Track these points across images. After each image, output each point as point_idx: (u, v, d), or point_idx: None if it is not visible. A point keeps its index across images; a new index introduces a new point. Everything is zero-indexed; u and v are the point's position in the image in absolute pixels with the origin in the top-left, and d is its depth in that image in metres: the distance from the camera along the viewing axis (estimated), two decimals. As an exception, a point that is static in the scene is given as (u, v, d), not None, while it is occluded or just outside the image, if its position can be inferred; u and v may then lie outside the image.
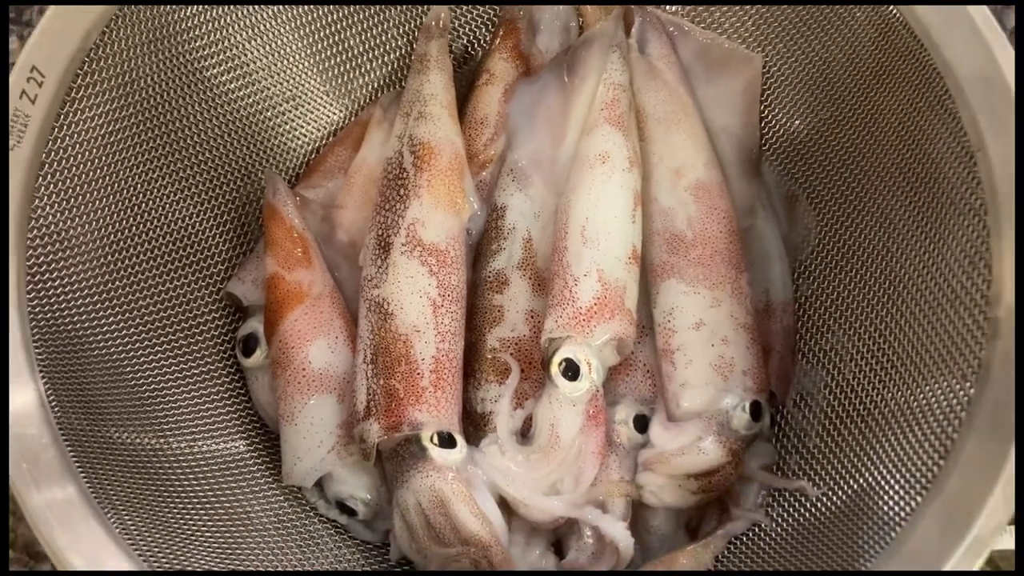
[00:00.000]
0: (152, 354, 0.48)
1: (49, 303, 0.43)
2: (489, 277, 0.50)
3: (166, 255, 0.50)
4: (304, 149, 0.57)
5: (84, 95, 0.44)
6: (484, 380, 0.48)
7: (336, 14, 0.54)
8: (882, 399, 0.44)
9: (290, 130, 0.56)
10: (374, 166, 0.53)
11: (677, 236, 0.49)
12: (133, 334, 0.47)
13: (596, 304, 0.45)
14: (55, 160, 0.43)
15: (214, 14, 0.49)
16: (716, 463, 0.45)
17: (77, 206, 0.45)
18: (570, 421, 0.45)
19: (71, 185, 0.44)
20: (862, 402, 0.45)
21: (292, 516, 0.49)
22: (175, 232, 0.50)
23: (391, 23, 0.56)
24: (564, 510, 0.45)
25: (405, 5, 0.55)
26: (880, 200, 0.46)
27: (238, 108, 0.53)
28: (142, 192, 0.48)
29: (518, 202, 0.51)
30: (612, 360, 0.47)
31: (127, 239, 0.48)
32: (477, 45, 0.59)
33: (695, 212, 0.49)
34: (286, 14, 0.52)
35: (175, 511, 0.43)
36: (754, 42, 0.52)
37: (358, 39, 0.56)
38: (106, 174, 0.46)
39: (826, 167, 0.50)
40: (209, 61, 0.50)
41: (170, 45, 0.48)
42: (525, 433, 0.47)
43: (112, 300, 0.47)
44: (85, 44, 0.43)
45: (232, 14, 0.50)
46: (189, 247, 0.51)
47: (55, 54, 0.42)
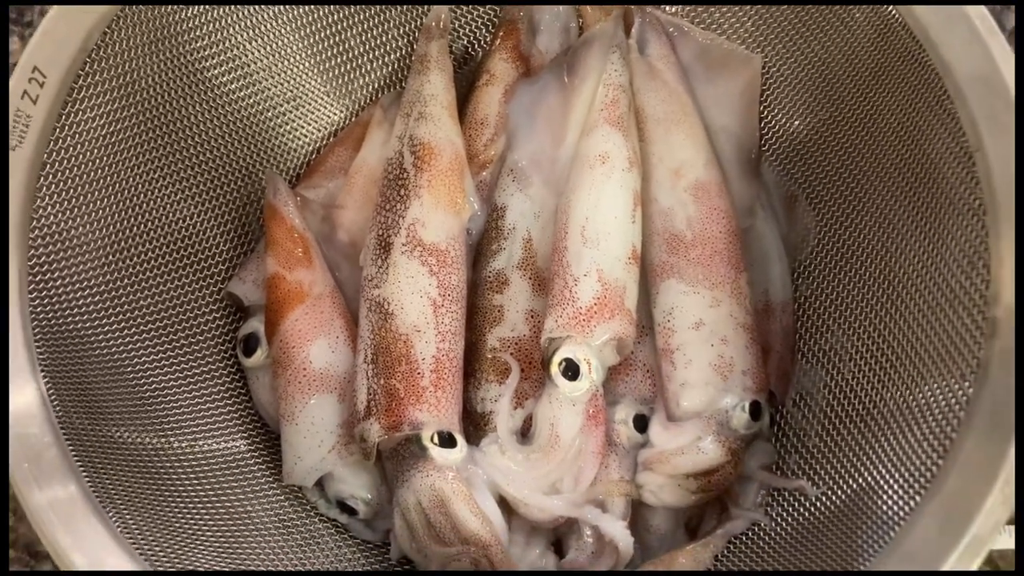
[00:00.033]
0: (153, 354, 0.48)
1: (51, 303, 0.43)
2: (489, 277, 0.50)
3: (167, 255, 0.50)
4: (305, 149, 0.57)
5: (85, 96, 0.44)
6: (484, 380, 0.48)
7: (337, 15, 0.54)
8: (881, 399, 0.44)
9: (291, 130, 0.56)
10: (374, 166, 0.53)
11: (677, 236, 0.49)
12: (134, 334, 0.47)
13: (596, 304, 0.45)
14: (57, 160, 0.43)
15: (215, 15, 0.49)
16: (715, 462, 0.45)
17: (78, 206, 0.45)
18: (570, 421, 0.45)
19: (72, 185, 0.44)
20: (861, 402, 0.45)
21: (293, 515, 0.49)
22: (176, 232, 0.51)
23: (391, 24, 0.56)
24: (564, 509, 0.45)
25: (405, 6, 0.55)
26: (879, 200, 0.46)
27: (239, 108, 0.53)
28: (143, 192, 0.49)
29: (518, 202, 0.51)
30: (612, 360, 0.47)
31: (128, 239, 0.48)
32: (477, 46, 0.59)
33: (695, 212, 0.49)
34: (287, 15, 0.52)
35: (176, 510, 0.43)
36: (753, 43, 0.52)
37: (359, 40, 0.56)
38: (107, 174, 0.46)
39: (825, 167, 0.50)
40: (210, 62, 0.50)
41: (171, 46, 0.48)
42: (525, 433, 0.47)
43: (113, 300, 0.47)
44: (87, 45, 0.43)
45: (233, 15, 0.50)
46: (190, 247, 0.51)
47: (57, 55, 0.42)
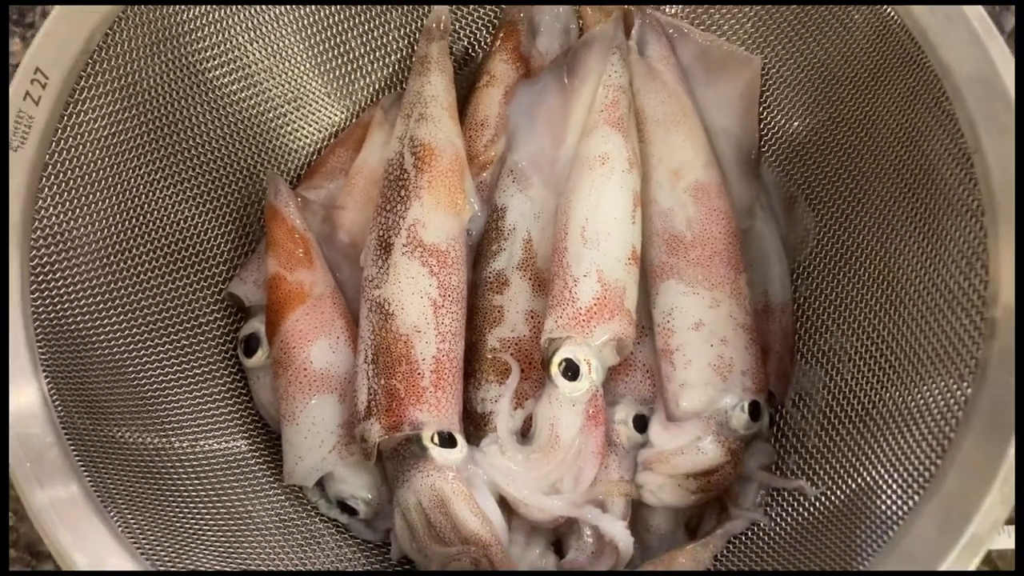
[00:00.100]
0: (154, 354, 0.48)
1: (52, 303, 0.43)
2: (489, 277, 0.50)
3: (168, 255, 0.50)
4: (305, 150, 0.57)
5: (87, 97, 0.44)
6: (484, 380, 0.48)
7: (337, 16, 0.54)
8: (880, 399, 0.44)
9: (292, 131, 0.56)
10: (375, 167, 0.54)
11: (676, 237, 0.49)
12: (136, 334, 0.47)
13: (596, 304, 0.46)
14: (58, 161, 0.44)
15: (216, 16, 0.49)
16: (715, 463, 0.45)
17: (80, 207, 0.45)
18: (570, 421, 0.45)
19: (74, 186, 0.45)
20: (860, 402, 0.45)
21: (293, 515, 0.49)
22: (177, 232, 0.51)
23: (392, 25, 0.56)
24: (564, 509, 0.45)
25: (406, 7, 0.55)
26: (878, 201, 0.46)
27: (240, 109, 0.53)
28: (145, 193, 0.49)
29: (518, 203, 0.51)
30: (612, 360, 0.47)
31: (130, 240, 0.48)
32: (478, 47, 0.59)
33: (694, 213, 0.49)
34: (288, 16, 0.53)
35: (178, 510, 0.44)
36: (753, 44, 0.52)
37: (359, 41, 0.56)
38: (109, 175, 0.46)
39: (825, 168, 0.50)
40: (211, 63, 0.50)
41: (173, 47, 0.48)
42: (525, 433, 0.47)
43: (115, 300, 0.47)
44: (88, 46, 0.43)
45: (234, 16, 0.50)
46: (191, 247, 0.52)
47: (58, 56, 0.43)
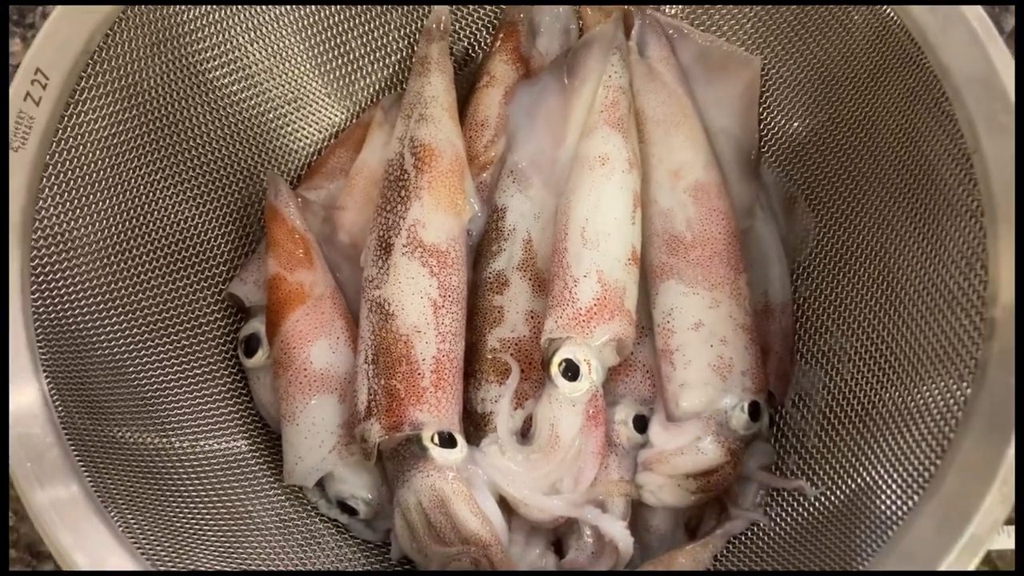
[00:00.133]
0: (155, 354, 0.48)
1: (53, 303, 0.43)
2: (489, 278, 0.50)
3: (169, 256, 0.50)
4: (306, 151, 0.57)
5: (88, 97, 0.44)
6: (484, 380, 0.48)
7: (338, 16, 0.54)
8: (880, 399, 0.44)
9: (292, 132, 0.56)
10: (375, 168, 0.54)
11: (676, 237, 0.49)
12: (136, 334, 0.47)
13: (596, 305, 0.46)
14: (59, 162, 0.44)
15: (217, 16, 0.49)
16: (715, 463, 0.45)
17: (81, 207, 0.45)
18: (570, 421, 0.45)
19: (75, 187, 0.45)
20: (860, 402, 0.45)
21: (293, 515, 0.49)
22: (178, 233, 0.51)
23: (392, 26, 0.56)
24: (564, 510, 0.45)
25: (406, 7, 0.55)
26: (878, 201, 0.46)
27: (240, 110, 0.53)
28: (145, 193, 0.49)
29: (518, 203, 0.51)
30: (612, 361, 0.47)
31: (130, 240, 0.48)
32: (478, 47, 0.59)
33: (694, 213, 0.49)
34: (288, 16, 0.53)
35: (178, 510, 0.44)
36: (753, 44, 0.52)
37: (360, 42, 0.56)
38: (109, 175, 0.46)
39: (824, 169, 0.50)
40: (212, 63, 0.50)
41: (173, 47, 0.48)
42: (525, 433, 0.47)
43: (115, 300, 0.47)
44: (89, 47, 0.43)
45: (235, 16, 0.50)
46: (191, 248, 0.52)
47: (59, 57, 0.43)
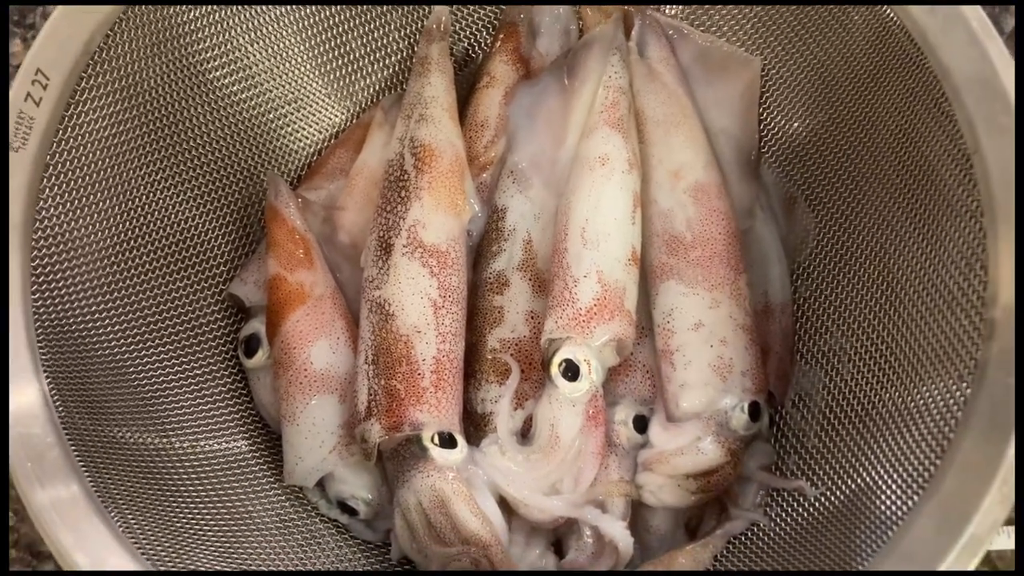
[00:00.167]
0: (155, 354, 0.48)
1: (53, 304, 0.43)
2: (490, 278, 0.50)
3: (169, 256, 0.50)
4: (306, 151, 0.57)
5: (88, 98, 0.44)
6: (484, 381, 0.48)
7: (338, 17, 0.54)
8: (879, 399, 0.44)
9: (292, 132, 0.56)
10: (375, 168, 0.54)
11: (676, 237, 0.49)
12: (136, 334, 0.47)
13: (596, 305, 0.46)
14: (59, 162, 0.44)
15: (217, 17, 0.49)
16: (715, 463, 0.45)
17: (81, 207, 0.45)
18: (570, 421, 0.45)
19: (75, 187, 0.45)
20: (860, 402, 0.45)
21: (294, 515, 0.49)
22: (178, 233, 0.51)
23: (392, 26, 0.56)
24: (564, 510, 0.45)
25: (406, 7, 0.55)
26: (877, 202, 0.46)
27: (241, 110, 0.53)
28: (145, 194, 0.49)
29: (518, 204, 0.51)
30: (612, 361, 0.47)
31: (130, 240, 0.48)
32: (478, 48, 0.59)
33: (694, 214, 0.49)
34: (289, 17, 0.53)
35: (178, 510, 0.44)
36: (753, 45, 0.52)
37: (360, 42, 0.56)
38: (110, 176, 0.46)
39: (824, 169, 0.50)
40: (212, 64, 0.50)
41: (173, 48, 0.48)
42: (525, 433, 0.47)
43: (116, 301, 0.47)
44: (89, 47, 0.43)
45: (235, 17, 0.50)
46: (192, 248, 0.52)
47: (59, 57, 0.43)
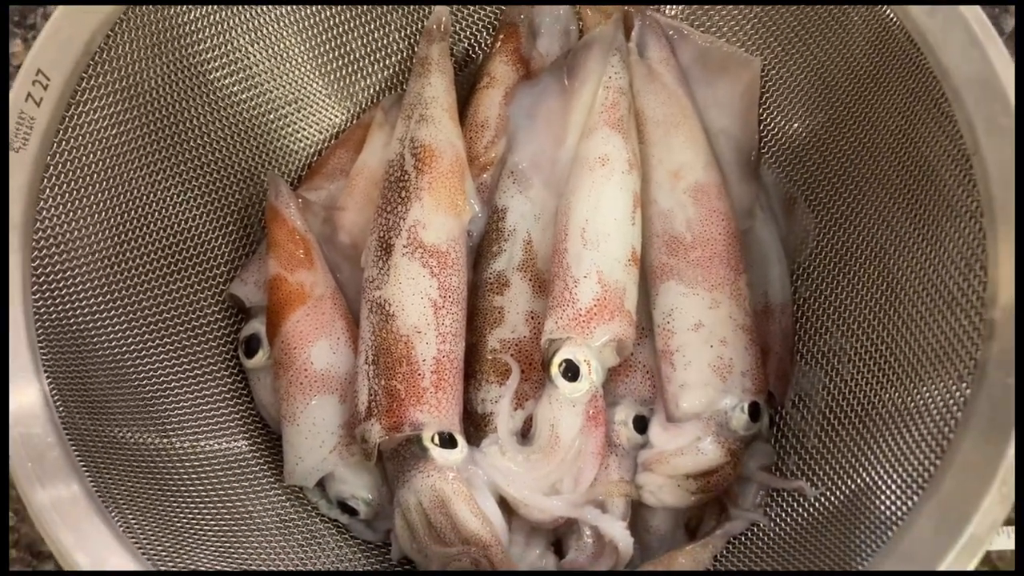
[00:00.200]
0: (155, 354, 0.48)
1: (54, 304, 0.43)
2: (490, 279, 0.50)
3: (169, 256, 0.50)
4: (306, 151, 0.57)
5: (89, 98, 0.44)
6: (485, 381, 0.48)
7: (338, 17, 0.54)
8: (879, 400, 0.44)
9: (292, 132, 0.56)
10: (375, 168, 0.54)
11: (676, 238, 0.49)
12: (137, 334, 0.48)
13: (596, 305, 0.46)
14: (60, 162, 0.44)
15: (218, 17, 0.49)
16: (715, 463, 0.45)
17: (82, 208, 0.45)
18: (570, 422, 0.45)
19: (76, 187, 0.45)
20: (860, 403, 0.45)
21: (294, 515, 0.49)
22: (178, 233, 0.51)
23: (393, 27, 0.56)
24: (564, 510, 0.45)
25: (406, 7, 0.56)
26: (877, 202, 0.46)
27: (241, 111, 0.53)
28: (146, 194, 0.49)
29: (518, 204, 0.51)
30: (612, 361, 0.47)
31: (131, 240, 0.48)
32: (478, 48, 0.59)
33: (694, 214, 0.49)
34: (289, 18, 0.53)
35: (178, 510, 0.44)
36: (752, 45, 0.52)
37: (360, 42, 0.56)
38: (110, 176, 0.47)
39: (824, 170, 0.50)
40: (213, 64, 0.51)
41: (174, 48, 0.48)
42: (525, 434, 0.47)
43: (116, 301, 0.47)
44: (90, 48, 0.43)
45: (236, 17, 0.50)
46: (192, 248, 0.52)
47: (60, 57, 0.43)
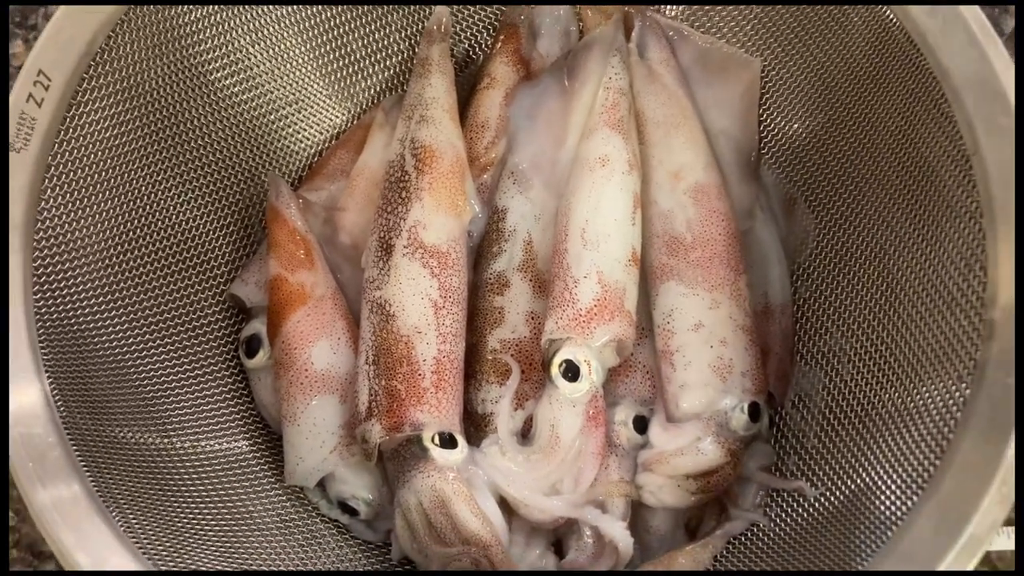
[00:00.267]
0: (156, 354, 0.48)
1: (55, 304, 0.43)
2: (490, 279, 0.50)
3: (170, 257, 0.50)
4: (307, 152, 0.57)
5: (90, 99, 0.44)
6: (485, 381, 0.48)
7: (339, 18, 0.54)
8: (879, 400, 0.44)
9: (293, 133, 0.56)
10: (376, 169, 0.54)
11: (676, 238, 0.49)
12: (138, 335, 0.48)
13: (596, 306, 0.46)
14: (61, 163, 0.44)
15: (219, 18, 0.50)
16: (715, 463, 0.45)
17: (83, 208, 0.45)
18: (570, 422, 0.45)
19: (77, 188, 0.45)
20: (859, 403, 0.45)
21: (294, 516, 0.49)
22: (179, 234, 0.51)
23: (393, 27, 0.56)
24: (564, 510, 0.45)
25: (407, 8, 0.56)
26: (877, 203, 0.46)
27: (242, 111, 0.53)
28: (147, 194, 0.49)
29: (519, 204, 0.51)
30: (612, 361, 0.47)
31: (132, 241, 0.48)
32: (478, 49, 0.59)
33: (694, 214, 0.49)
34: (290, 18, 0.53)
35: (179, 510, 0.44)
36: (752, 46, 0.52)
37: (361, 43, 0.56)
38: (111, 176, 0.47)
39: (824, 170, 0.50)
40: (213, 65, 0.51)
41: (175, 49, 0.48)
42: (525, 434, 0.47)
43: (117, 301, 0.47)
44: (91, 48, 0.43)
45: (237, 18, 0.50)
46: (193, 249, 0.52)
47: (61, 58, 0.43)
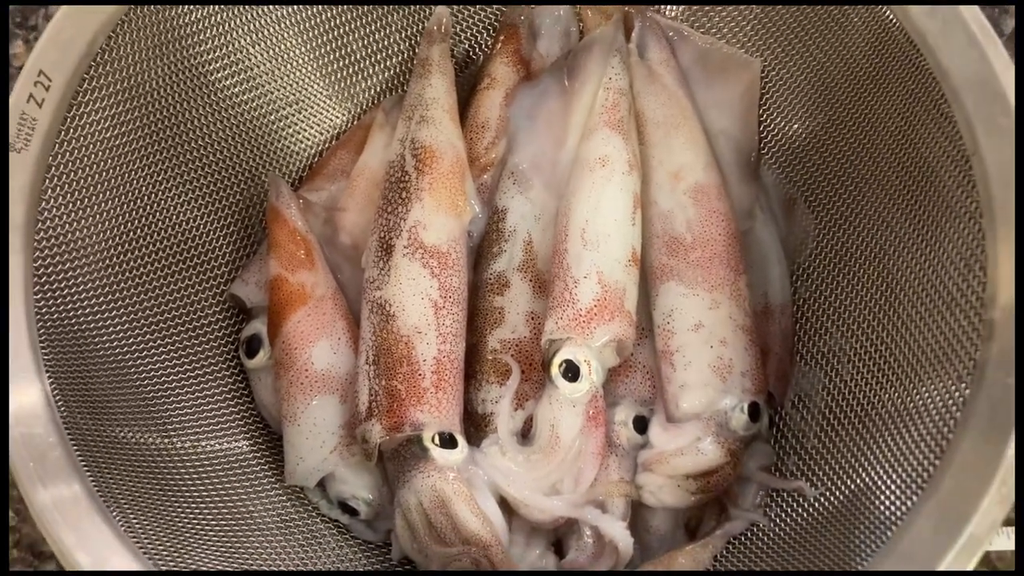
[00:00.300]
0: (157, 354, 0.48)
1: (56, 304, 0.43)
2: (490, 279, 0.51)
3: (171, 257, 0.50)
4: (307, 152, 0.57)
5: (90, 99, 0.44)
6: (485, 381, 0.48)
7: (339, 19, 0.55)
8: (879, 400, 0.44)
9: (293, 133, 0.56)
10: (376, 169, 0.54)
11: (676, 239, 0.49)
12: (138, 335, 0.48)
13: (596, 306, 0.46)
14: (62, 163, 0.44)
15: (219, 19, 0.50)
16: (715, 463, 0.45)
17: (83, 208, 0.45)
18: (570, 422, 0.45)
19: (77, 188, 0.45)
20: (859, 403, 0.45)
21: (295, 515, 0.49)
22: (180, 234, 0.51)
23: (394, 28, 0.56)
24: (564, 510, 0.45)
25: (407, 8, 0.56)
26: (877, 203, 0.46)
27: (242, 112, 0.53)
28: (147, 195, 0.49)
29: (519, 205, 0.51)
30: (612, 361, 0.47)
31: (133, 241, 0.48)
32: (478, 49, 0.59)
33: (694, 215, 0.49)
34: (290, 19, 0.53)
35: (179, 510, 0.44)
36: (752, 47, 0.52)
37: (361, 43, 0.56)
38: (112, 177, 0.47)
39: (824, 170, 0.50)
40: (214, 65, 0.51)
41: (175, 49, 0.48)
42: (526, 434, 0.47)
43: (118, 301, 0.47)
44: (92, 49, 0.44)
45: (237, 18, 0.51)
46: (193, 249, 0.52)
47: (62, 58, 0.43)
